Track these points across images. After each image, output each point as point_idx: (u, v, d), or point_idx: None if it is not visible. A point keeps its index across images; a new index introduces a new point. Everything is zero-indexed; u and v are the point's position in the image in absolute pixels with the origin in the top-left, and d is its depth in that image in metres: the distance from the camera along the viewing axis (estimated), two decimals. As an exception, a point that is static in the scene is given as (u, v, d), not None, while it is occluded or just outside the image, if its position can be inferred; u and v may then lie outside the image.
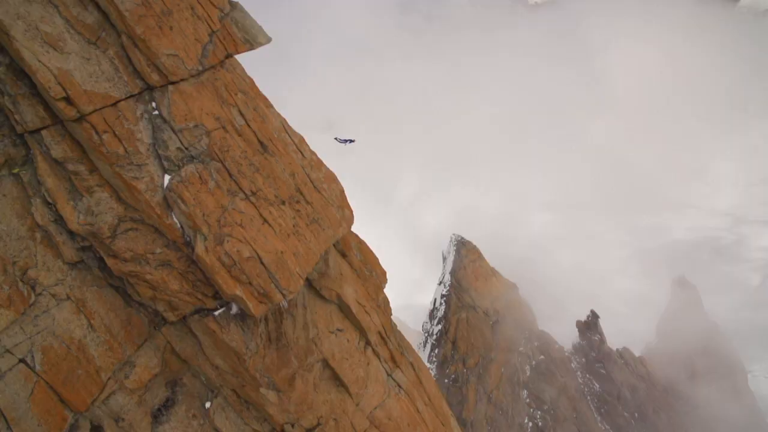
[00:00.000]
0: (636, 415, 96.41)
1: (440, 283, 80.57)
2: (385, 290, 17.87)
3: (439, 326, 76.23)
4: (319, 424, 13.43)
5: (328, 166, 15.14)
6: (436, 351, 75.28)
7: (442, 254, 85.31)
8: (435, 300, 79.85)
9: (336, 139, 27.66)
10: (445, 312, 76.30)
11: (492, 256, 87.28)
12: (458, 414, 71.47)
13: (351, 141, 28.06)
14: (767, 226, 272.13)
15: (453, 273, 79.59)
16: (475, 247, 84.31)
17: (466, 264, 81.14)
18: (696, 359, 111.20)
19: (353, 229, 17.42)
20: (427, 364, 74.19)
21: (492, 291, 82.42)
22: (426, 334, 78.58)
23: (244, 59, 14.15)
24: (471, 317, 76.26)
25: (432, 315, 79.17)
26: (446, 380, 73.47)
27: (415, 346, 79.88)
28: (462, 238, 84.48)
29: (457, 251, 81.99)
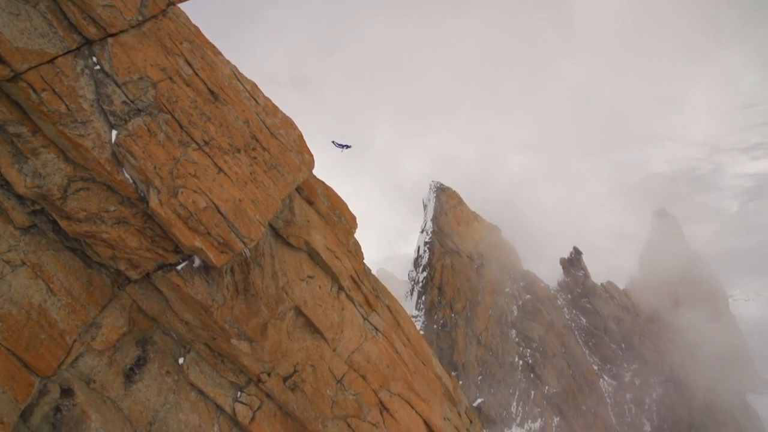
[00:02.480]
0: (623, 345, 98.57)
1: (422, 231, 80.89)
2: (356, 236, 17.78)
3: (424, 273, 76.77)
4: (296, 372, 13.44)
5: (300, 129, 14.80)
6: (423, 298, 75.98)
7: (423, 202, 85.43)
8: (418, 248, 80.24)
9: (333, 142, 28.77)
10: (429, 259, 76.77)
11: (472, 200, 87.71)
12: (449, 358, 72.62)
13: (348, 147, 29.16)
14: (743, 153, 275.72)
15: (434, 219, 79.88)
16: (455, 192, 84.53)
17: (446, 210, 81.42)
18: (678, 287, 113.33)
19: (327, 180, 17.25)
20: (415, 312, 75.00)
21: (474, 235, 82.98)
22: (412, 282, 79.20)
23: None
24: (455, 262, 76.83)
25: (416, 263, 79.66)
26: (435, 326, 74.37)
27: (402, 296, 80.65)
28: (441, 184, 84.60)
29: (437, 197, 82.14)
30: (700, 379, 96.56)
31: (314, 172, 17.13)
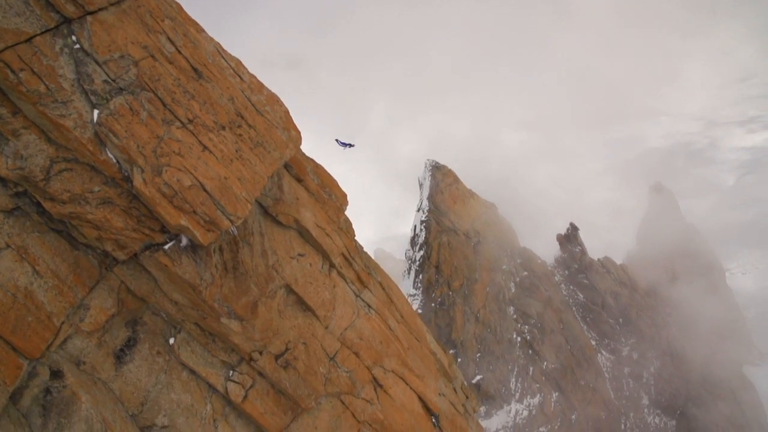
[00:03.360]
0: (620, 320, 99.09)
1: (419, 210, 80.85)
2: (354, 215, 17.74)
3: (421, 252, 76.87)
4: (288, 350, 13.43)
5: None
6: (420, 277, 76.15)
7: (419, 181, 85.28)
8: (415, 227, 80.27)
9: (336, 141, 29.03)
10: (425, 237, 76.83)
11: (468, 178, 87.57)
12: (447, 336, 72.98)
13: (351, 146, 29.38)
14: (739, 127, 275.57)
15: (430, 198, 79.81)
16: (450, 170, 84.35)
17: (442, 188, 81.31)
18: (676, 261, 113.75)
19: (321, 161, 17.13)
20: (413, 290, 75.21)
21: (471, 212, 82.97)
22: (409, 261, 79.32)
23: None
24: (452, 240, 76.89)
25: (413, 242, 79.72)
26: (433, 304, 74.64)
27: (400, 275, 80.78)
28: (436, 162, 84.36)
29: (433, 176, 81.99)
30: (697, 352, 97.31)
31: (310, 154, 17.06)
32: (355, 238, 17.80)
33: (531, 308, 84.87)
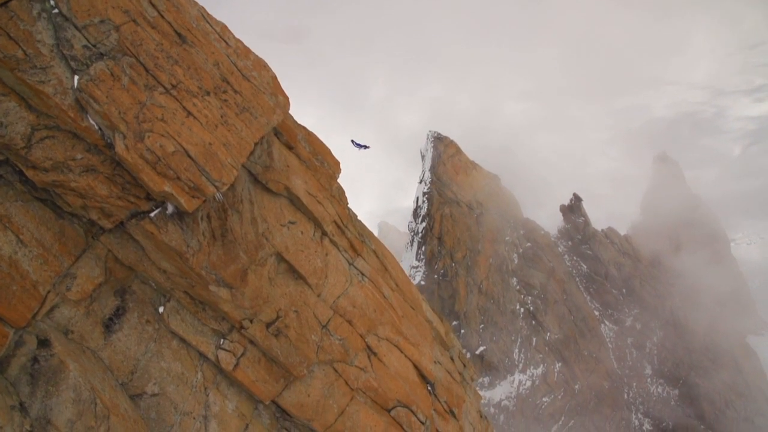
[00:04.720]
0: (623, 290, 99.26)
1: (421, 181, 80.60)
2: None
3: (424, 224, 76.80)
4: (279, 317, 13.36)
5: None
6: (423, 248, 76.17)
7: (421, 152, 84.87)
8: (417, 198, 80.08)
9: (352, 141, 29.16)
10: (428, 209, 76.71)
11: (471, 149, 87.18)
12: (451, 307, 73.22)
13: (366, 147, 29.53)
14: (746, 96, 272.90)
15: (432, 169, 79.51)
16: (452, 141, 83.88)
17: (444, 159, 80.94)
18: (680, 231, 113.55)
19: (323, 134, 16.92)
20: (416, 262, 75.28)
21: (473, 184, 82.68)
22: (412, 233, 79.30)
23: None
24: (454, 212, 76.75)
25: (416, 213, 79.60)
26: (436, 276, 74.78)
27: (403, 247, 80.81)
28: (438, 133, 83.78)
29: (435, 147, 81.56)
30: (700, 321, 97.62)
31: (312, 125, 16.85)
32: (348, 206, 17.65)
33: (534, 279, 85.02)
